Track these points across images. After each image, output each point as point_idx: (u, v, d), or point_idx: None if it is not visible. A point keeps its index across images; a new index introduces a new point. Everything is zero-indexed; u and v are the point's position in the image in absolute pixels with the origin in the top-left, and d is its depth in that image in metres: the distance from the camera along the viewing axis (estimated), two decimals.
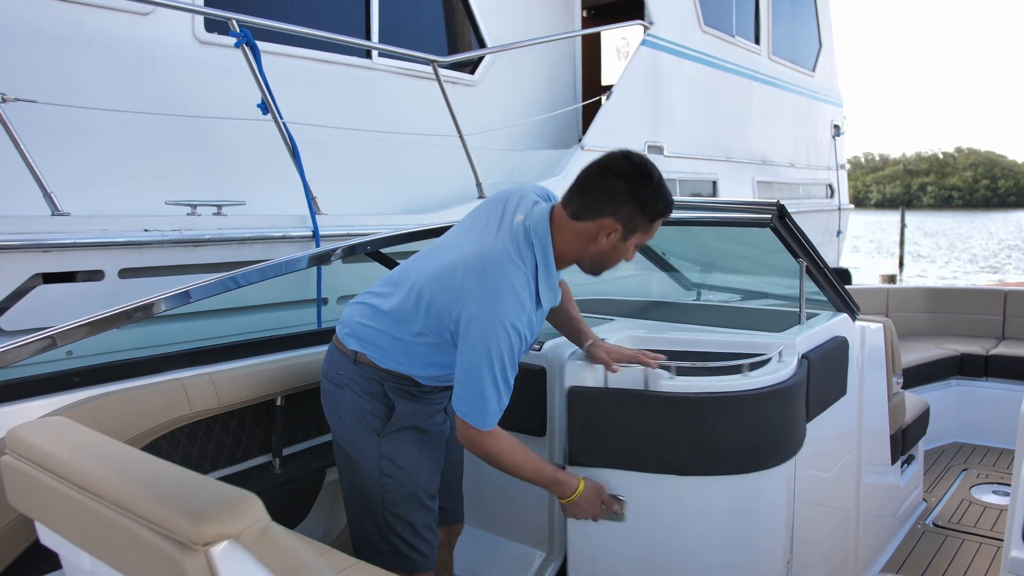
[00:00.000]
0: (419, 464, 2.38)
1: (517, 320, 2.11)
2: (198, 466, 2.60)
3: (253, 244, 3.72)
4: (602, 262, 2.27)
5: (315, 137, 4.45)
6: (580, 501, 2.38)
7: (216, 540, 1.35)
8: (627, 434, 2.49)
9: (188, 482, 1.53)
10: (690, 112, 7.68)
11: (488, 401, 2.13)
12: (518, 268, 2.16)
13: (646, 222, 2.19)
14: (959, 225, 60.94)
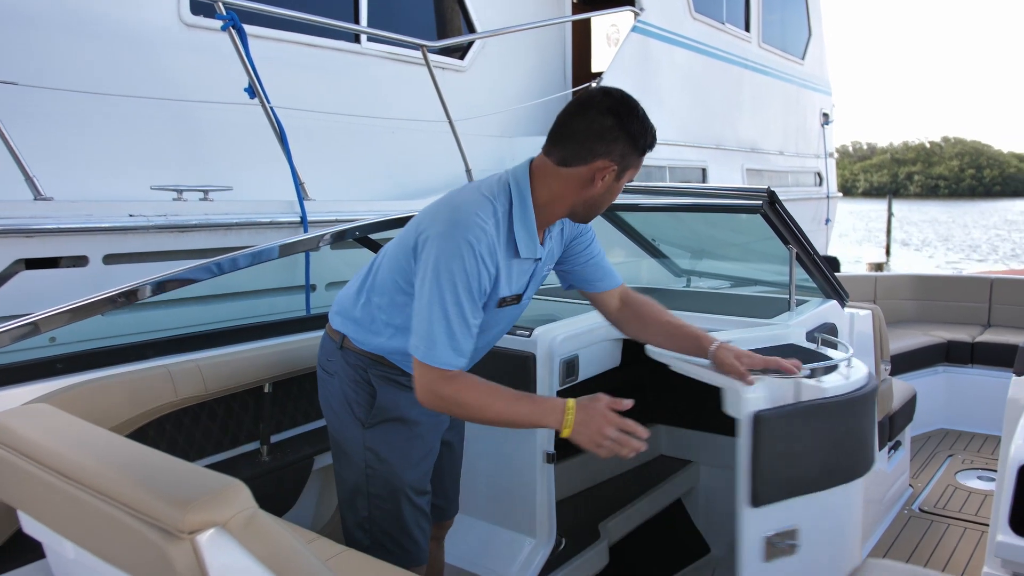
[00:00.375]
0: (405, 458, 2.26)
1: (477, 242, 1.95)
2: (184, 454, 2.58)
3: (240, 230, 3.68)
4: (596, 206, 2.13)
5: (303, 122, 4.40)
6: (579, 418, 1.96)
7: (202, 528, 1.33)
8: (813, 452, 2.29)
9: (174, 469, 1.51)
10: (680, 99, 7.66)
11: (441, 331, 1.95)
12: (486, 200, 2.04)
13: (638, 156, 2.06)
14: (945, 214, 61.25)
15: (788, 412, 2.20)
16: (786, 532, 2.24)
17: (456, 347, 1.97)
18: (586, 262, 2.42)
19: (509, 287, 2.14)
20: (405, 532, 2.29)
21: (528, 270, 2.19)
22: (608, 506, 3.51)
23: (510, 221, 2.08)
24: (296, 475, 2.85)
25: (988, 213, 63.85)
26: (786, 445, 2.19)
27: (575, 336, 2.95)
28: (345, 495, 2.32)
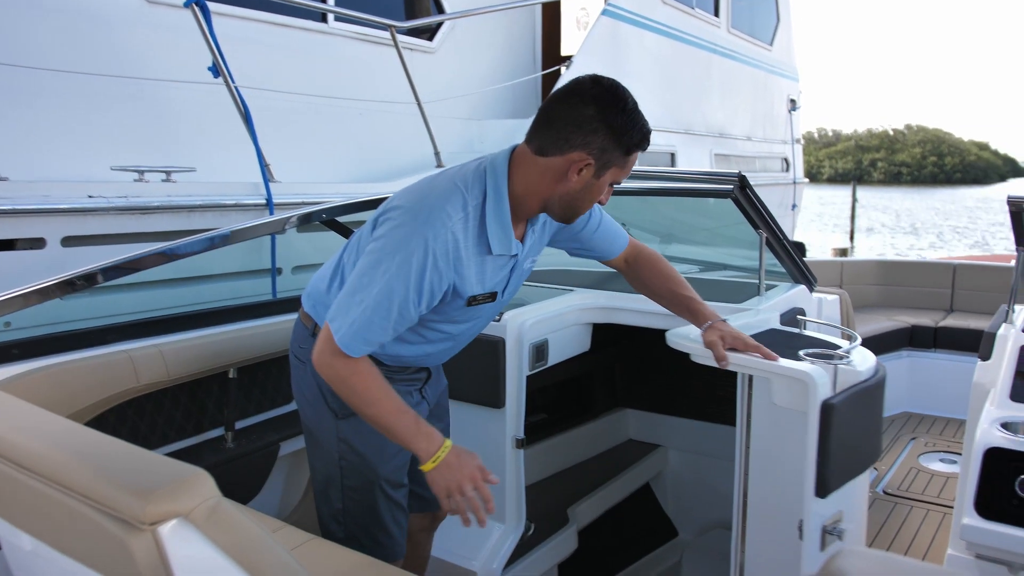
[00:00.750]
0: (380, 451, 2.18)
1: (435, 241, 1.85)
2: (147, 441, 2.52)
3: (204, 212, 3.61)
4: (573, 204, 1.98)
5: (268, 103, 4.32)
6: (449, 459, 1.91)
7: (164, 519, 1.29)
8: (862, 436, 2.28)
9: (134, 458, 1.46)
10: (649, 84, 7.64)
11: (360, 317, 1.86)
12: (458, 192, 1.93)
13: (621, 155, 1.91)
14: (908, 201, 62.08)
15: (847, 398, 2.14)
16: (836, 518, 2.22)
17: (367, 338, 1.89)
18: (590, 237, 2.33)
19: (482, 285, 2.03)
20: (380, 525, 2.23)
21: (506, 266, 2.09)
22: (576, 491, 3.51)
23: (483, 215, 1.96)
24: (262, 462, 2.80)
25: (949, 200, 64.81)
26: (847, 432, 2.15)
27: (545, 320, 2.92)
28: (319, 486, 2.26)
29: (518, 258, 2.10)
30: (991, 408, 2.41)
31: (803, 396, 2.10)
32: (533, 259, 2.23)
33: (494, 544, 2.84)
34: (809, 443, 2.08)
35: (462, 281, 1.97)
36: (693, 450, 3.97)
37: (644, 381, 4.07)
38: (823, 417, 2.07)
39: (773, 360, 2.21)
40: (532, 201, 1.99)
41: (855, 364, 2.21)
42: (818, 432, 2.08)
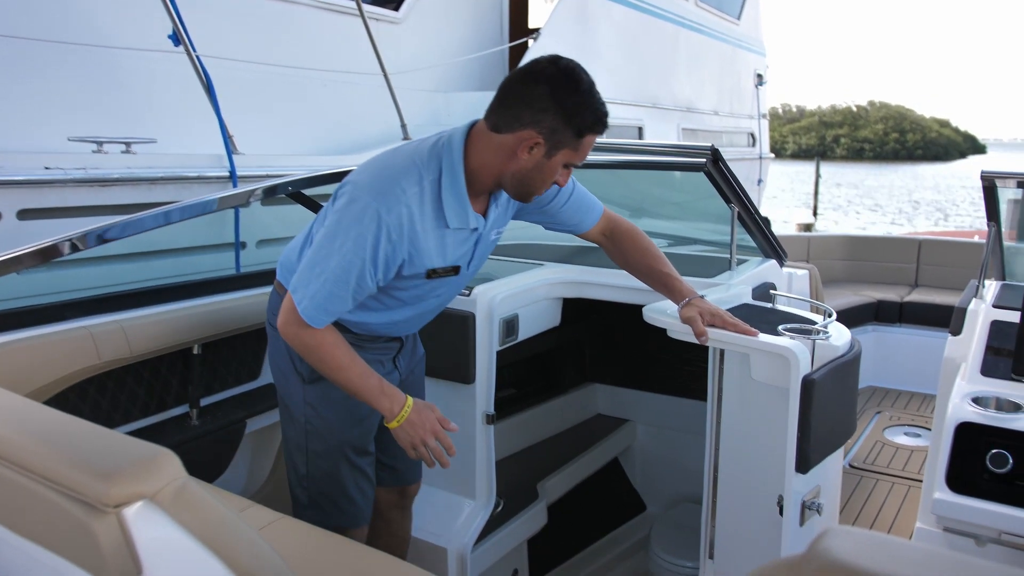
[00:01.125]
0: (344, 416, 2.23)
1: (388, 214, 1.90)
2: (109, 419, 2.46)
3: (166, 184, 3.53)
4: (526, 183, 1.99)
5: (230, 72, 4.22)
6: (411, 417, 2.04)
7: (129, 501, 1.24)
8: (840, 411, 2.27)
9: (97, 438, 1.41)
10: (617, 56, 7.61)
11: (320, 288, 1.93)
12: (414, 168, 1.96)
13: (572, 136, 1.91)
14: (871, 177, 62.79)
15: (827, 373, 2.13)
16: (814, 493, 2.22)
17: (328, 309, 1.96)
18: (559, 210, 2.33)
19: (443, 259, 2.06)
20: (342, 491, 2.27)
21: (468, 240, 2.10)
22: (545, 466, 3.50)
23: (439, 190, 1.98)
24: (228, 440, 2.75)
25: (910, 176, 65.65)
26: (826, 407, 2.15)
27: (515, 295, 2.90)
28: (288, 452, 2.30)
29: (481, 232, 2.12)
30: (962, 383, 2.43)
31: (784, 372, 2.10)
32: (499, 231, 2.25)
33: (464, 521, 2.83)
34: (790, 419, 2.08)
35: (419, 254, 2.00)
36: (661, 424, 3.98)
37: (613, 356, 4.07)
38: (804, 393, 2.06)
39: (753, 336, 2.21)
40: (486, 177, 2.01)
41: (833, 339, 2.20)
42: (799, 409, 2.08)
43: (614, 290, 3.00)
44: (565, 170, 2.01)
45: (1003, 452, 2.13)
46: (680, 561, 3.18)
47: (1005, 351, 2.47)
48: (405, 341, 2.38)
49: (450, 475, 2.91)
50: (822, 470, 2.22)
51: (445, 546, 2.77)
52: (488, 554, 2.90)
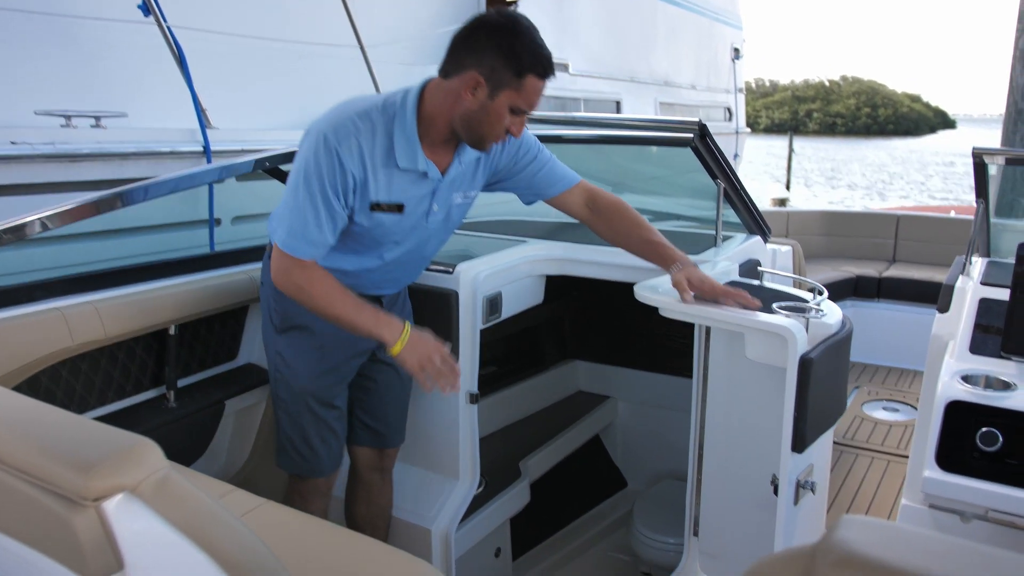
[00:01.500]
0: (308, 367, 2.36)
1: (336, 138, 2.03)
2: (83, 402, 2.39)
3: (138, 160, 3.43)
4: (475, 126, 2.08)
5: (201, 44, 4.10)
6: (413, 339, 2.12)
7: (108, 494, 1.19)
8: (833, 389, 2.25)
9: (73, 427, 1.35)
10: (596, 29, 7.53)
11: (297, 222, 2.06)
12: (369, 106, 2.10)
13: (512, 76, 2.00)
14: (843, 151, 63.16)
15: (823, 351, 2.11)
16: (808, 472, 2.22)
17: (309, 239, 2.07)
18: (534, 175, 2.42)
19: (388, 195, 2.14)
20: (304, 440, 2.40)
21: (421, 186, 2.19)
22: (527, 444, 3.48)
23: (392, 129, 2.10)
24: (206, 421, 2.69)
25: (881, 150, 66.14)
26: (822, 386, 2.13)
27: (498, 273, 2.85)
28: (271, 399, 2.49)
29: (439, 184, 2.21)
30: (951, 361, 2.42)
31: (780, 350, 2.08)
32: (467, 195, 2.34)
33: (449, 501, 2.80)
34: (787, 398, 2.06)
35: (365, 183, 2.10)
36: (643, 401, 3.97)
37: (594, 332, 4.04)
38: (801, 372, 2.04)
39: (756, 306, 2.21)
40: (439, 122, 2.11)
41: (827, 317, 2.18)
42: (796, 388, 2.06)
43: (598, 267, 2.97)
44: (516, 117, 2.08)
45: (993, 430, 2.12)
46: (663, 538, 3.18)
47: (994, 328, 2.46)
48: (385, 303, 2.43)
49: (433, 455, 2.88)
50: (815, 448, 2.21)
51: (429, 527, 2.74)
52: (471, 533, 2.88)
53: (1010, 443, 2.11)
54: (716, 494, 2.60)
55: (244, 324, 2.86)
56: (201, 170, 2.67)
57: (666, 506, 3.38)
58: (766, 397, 2.31)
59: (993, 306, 2.52)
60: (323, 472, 2.48)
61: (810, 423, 2.08)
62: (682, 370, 3.82)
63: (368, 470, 2.68)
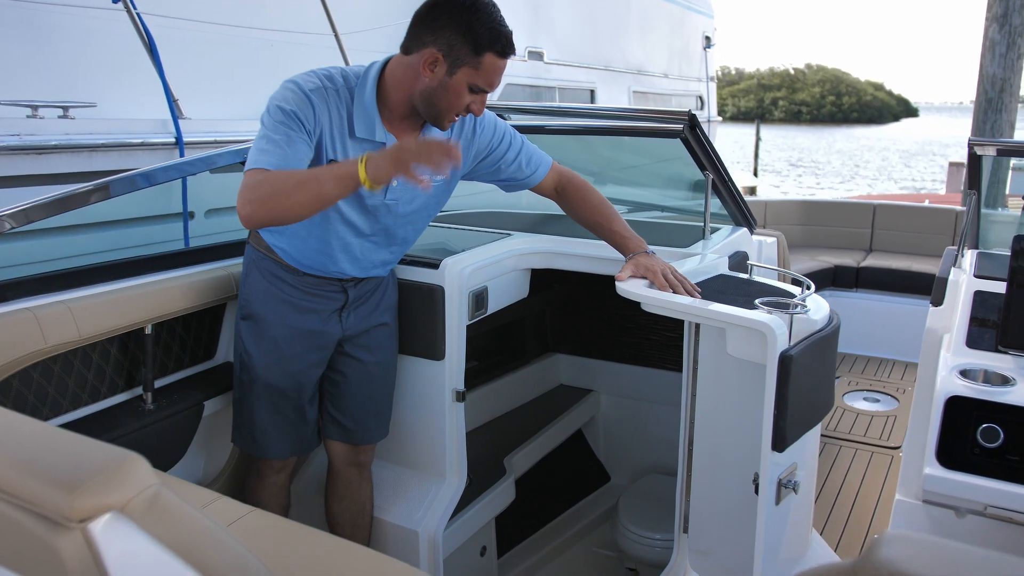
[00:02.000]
0: (260, 357, 2.38)
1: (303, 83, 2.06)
2: (56, 405, 2.30)
3: (108, 152, 3.31)
4: (433, 102, 2.08)
5: (171, 32, 3.97)
6: (375, 159, 1.90)
7: (95, 514, 1.10)
8: (818, 386, 2.21)
9: (54, 440, 1.26)
10: (570, 18, 7.46)
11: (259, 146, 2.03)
12: (333, 72, 2.13)
13: (470, 53, 2.01)
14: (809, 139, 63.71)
15: (805, 348, 2.06)
16: (791, 471, 2.17)
17: (274, 157, 1.99)
18: (511, 164, 2.45)
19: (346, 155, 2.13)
20: (256, 424, 2.43)
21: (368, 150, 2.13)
22: (511, 439, 3.43)
23: (352, 98, 2.12)
24: (185, 423, 2.60)
25: (846, 138, 66.81)
26: (804, 384, 2.09)
27: (484, 267, 2.79)
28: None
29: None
30: (947, 355, 2.40)
31: (761, 348, 2.03)
32: (434, 179, 2.30)
33: (436, 502, 2.74)
34: (767, 396, 2.02)
35: (327, 139, 2.10)
36: (625, 395, 3.94)
37: (575, 326, 4.00)
38: (781, 369, 1.99)
39: (695, 297, 2.23)
40: (399, 97, 2.12)
41: (811, 313, 2.14)
42: (776, 386, 2.01)
43: (584, 260, 2.92)
44: (476, 96, 2.09)
45: (994, 426, 2.10)
46: (649, 534, 3.14)
47: (990, 322, 2.44)
48: (351, 294, 2.43)
49: (419, 455, 2.82)
50: (799, 446, 2.18)
51: (416, 528, 2.68)
52: (458, 534, 2.82)
53: (1011, 439, 2.09)
54: (705, 491, 2.57)
55: (222, 321, 2.78)
56: (185, 161, 2.57)
57: (651, 501, 3.34)
58: (750, 394, 2.27)
59: (988, 299, 2.50)
60: (272, 455, 2.50)
61: (792, 421, 2.04)
62: (665, 363, 3.79)
63: (344, 465, 2.65)
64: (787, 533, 2.23)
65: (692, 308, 2.18)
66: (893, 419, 4.37)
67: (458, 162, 1.93)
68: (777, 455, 2.09)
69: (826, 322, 2.21)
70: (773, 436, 2.05)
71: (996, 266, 2.70)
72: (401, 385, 2.76)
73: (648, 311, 2.31)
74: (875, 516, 3.41)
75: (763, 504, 2.12)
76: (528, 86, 6.69)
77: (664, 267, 2.31)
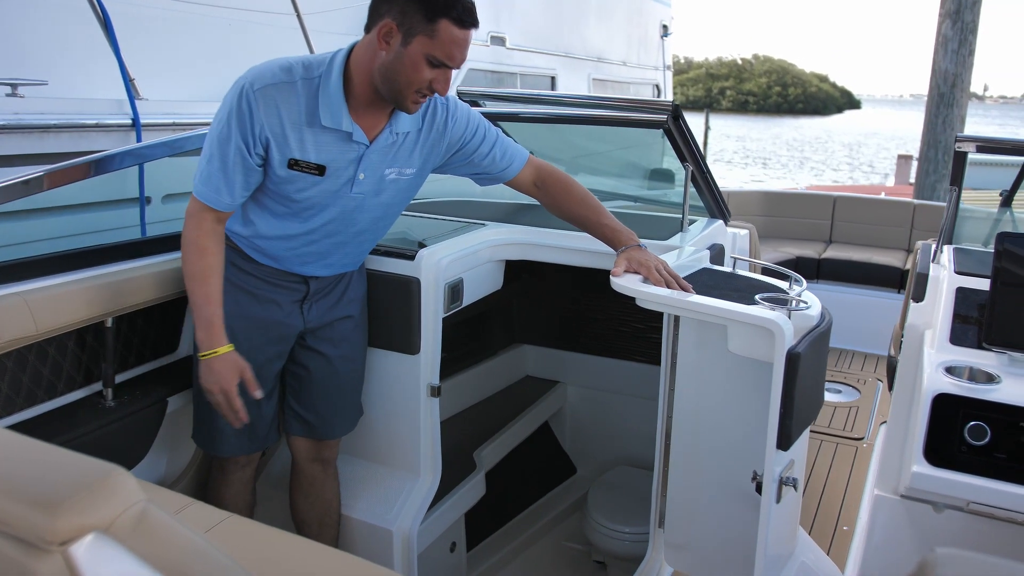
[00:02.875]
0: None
1: (252, 88, 1.99)
2: (10, 403, 2.16)
3: (59, 133, 3.16)
4: (391, 77, 1.98)
5: (125, 7, 3.80)
6: (213, 363, 2.12)
7: (77, 535, 1.00)
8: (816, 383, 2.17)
9: (28, 454, 1.16)
10: (532, 4, 7.40)
11: (204, 166, 2.05)
12: (295, 62, 2.05)
13: (423, 20, 1.91)
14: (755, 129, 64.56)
15: (807, 345, 2.03)
16: (789, 468, 2.14)
17: (215, 186, 2.05)
18: (484, 157, 2.37)
19: (308, 154, 2.07)
20: (213, 420, 2.33)
21: (347, 150, 2.11)
22: (479, 432, 3.37)
23: (318, 87, 2.04)
24: (148, 421, 2.48)
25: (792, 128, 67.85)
26: (807, 381, 2.05)
27: (460, 259, 2.71)
28: None
29: (365, 151, 2.12)
30: (931, 352, 2.39)
31: (766, 344, 1.99)
32: (402, 172, 2.23)
33: (410, 500, 2.66)
34: (773, 394, 1.97)
35: (283, 139, 2.03)
36: (593, 386, 3.90)
37: (542, 316, 3.95)
38: (788, 366, 1.95)
39: (688, 291, 2.18)
40: (361, 79, 2.04)
41: (809, 308, 2.11)
42: (783, 384, 1.97)
43: (560, 251, 2.86)
44: (437, 71, 1.98)
45: (981, 424, 2.10)
46: (619, 527, 3.12)
47: (973, 319, 2.45)
48: (312, 286, 2.36)
49: (392, 451, 2.74)
50: (796, 443, 2.15)
51: (390, 527, 2.60)
52: (430, 530, 2.76)
53: (997, 437, 2.09)
54: (683, 486, 2.53)
55: (184, 314, 2.65)
56: (147, 145, 2.45)
57: (620, 494, 3.32)
58: (745, 391, 2.23)
59: (970, 295, 2.50)
60: (230, 452, 2.42)
61: (796, 419, 2.01)
62: (634, 355, 3.76)
63: (307, 461, 2.57)
64: (782, 528, 2.21)
65: (693, 305, 2.13)
66: (855, 410, 4.41)
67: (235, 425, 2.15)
68: (781, 453, 2.06)
69: (821, 318, 2.18)
70: (779, 434, 2.02)
71: (974, 262, 2.71)
72: (374, 379, 2.68)
73: (644, 307, 2.25)
74: (843, 507, 3.42)
75: (766, 502, 2.09)
76: (490, 71, 6.60)
77: (657, 262, 2.26)
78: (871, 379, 4.94)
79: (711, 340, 2.34)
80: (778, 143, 49.03)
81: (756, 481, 2.10)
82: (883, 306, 5.33)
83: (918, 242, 3.27)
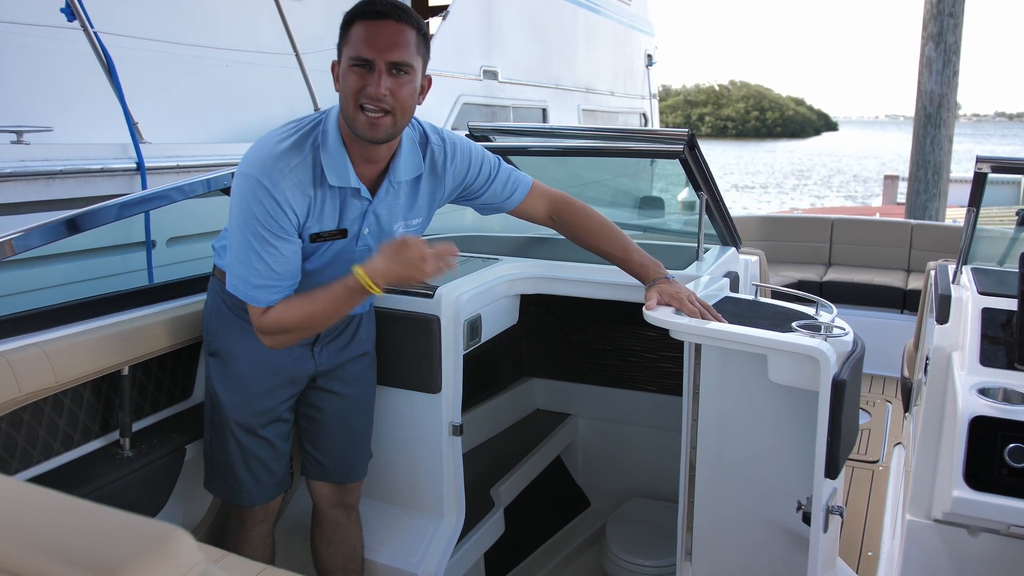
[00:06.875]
0: (231, 394, 2.25)
1: (267, 178, 1.92)
2: (27, 457, 2.11)
3: (65, 179, 3.12)
4: (342, 108, 1.96)
5: (128, 52, 3.79)
6: (374, 265, 1.94)
7: None
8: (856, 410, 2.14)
9: (81, 516, 1.11)
10: (522, 38, 7.46)
11: (247, 271, 1.99)
12: (294, 130, 2.01)
13: (342, 36, 1.93)
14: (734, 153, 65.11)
15: (848, 371, 2.00)
16: (833, 496, 2.10)
17: (262, 285, 2.00)
18: (485, 188, 2.33)
19: (328, 220, 2.05)
20: (230, 468, 2.29)
21: (358, 208, 2.08)
22: (493, 469, 3.32)
23: (319, 152, 2.00)
24: (166, 469, 2.42)
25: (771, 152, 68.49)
26: (850, 407, 2.03)
27: (478, 295, 2.69)
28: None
29: (368, 206, 2.09)
30: (963, 374, 2.37)
31: (810, 373, 1.97)
32: (409, 224, 2.21)
33: (434, 541, 2.61)
34: (820, 422, 1.95)
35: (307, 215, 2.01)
36: (604, 418, 3.86)
37: (551, 349, 3.91)
38: (835, 394, 1.93)
39: (720, 321, 2.16)
40: (347, 130, 1.99)
41: (845, 336, 2.10)
42: (829, 411, 1.95)
43: (575, 284, 2.84)
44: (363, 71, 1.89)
45: (1021, 446, 2.08)
46: (639, 560, 3.07)
47: (1000, 340, 2.43)
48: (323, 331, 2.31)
49: (415, 493, 2.69)
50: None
51: (415, 571, 2.54)
52: (452, 572, 2.70)
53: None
54: (714, 518, 2.49)
55: (198, 359, 2.61)
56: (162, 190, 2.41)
57: (638, 526, 3.28)
58: (779, 419, 2.20)
59: (997, 316, 2.49)
60: (250, 502, 2.35)
61: (843, 446, 1.99)
62: (646, 385, 3.73)
63: (329, 507, 2.51)
64: (826, 559, 2.18)
65: (733, 336, 2.11)
66: (867, 432, 4.38)
67: (453, 263, 1.97)
68: (829, 482, 2.03)
69: (855, 344, 2.16)
70: (827, 462, 1.99)
71: (995, 282, 2.70)
72: (394, 420, 2.63)
73: (678, 339, 2.23)
74: (866, 532, 3.38)
75: (816, 533, 2.06)
76: (483, 105, 6.62)
77: (688, 293, 2.25)
78: (880, 400, 4.91)
79: (737, 368, 2.32)
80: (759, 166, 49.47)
81: (803, 511, 2.07)
82: (886, 327, 5.32)
83: (929, 263, 3.27)
